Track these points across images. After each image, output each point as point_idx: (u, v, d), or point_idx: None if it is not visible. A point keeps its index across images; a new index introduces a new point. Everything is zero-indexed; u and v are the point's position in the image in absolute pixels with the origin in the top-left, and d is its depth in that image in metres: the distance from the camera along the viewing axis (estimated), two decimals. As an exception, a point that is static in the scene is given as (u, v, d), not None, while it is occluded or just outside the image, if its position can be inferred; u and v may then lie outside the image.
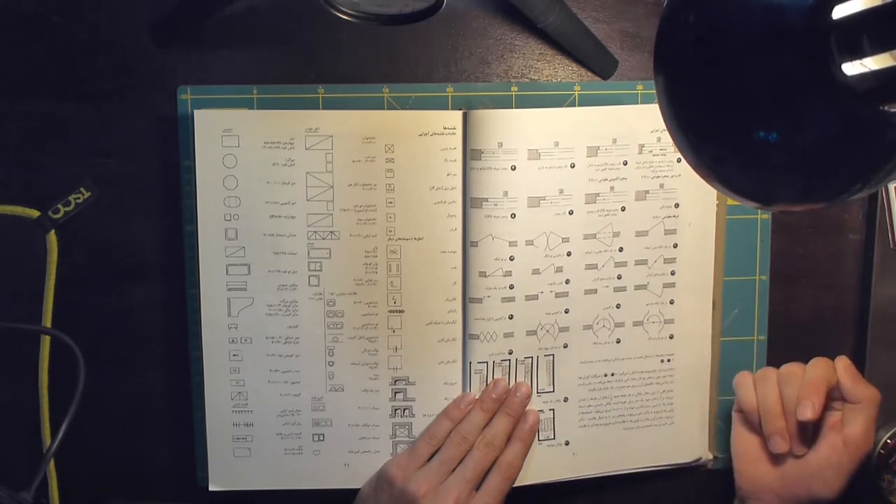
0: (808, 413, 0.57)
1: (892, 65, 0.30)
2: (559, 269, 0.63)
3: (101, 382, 0.63)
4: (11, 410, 0.65)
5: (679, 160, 0.63)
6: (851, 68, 0.30)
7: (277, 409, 0.63)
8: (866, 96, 0.31)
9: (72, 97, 0.63)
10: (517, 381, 0.63)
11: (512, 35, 0.64)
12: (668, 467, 0.66)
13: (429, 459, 0.61)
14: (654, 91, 0.40)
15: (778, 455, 0.60)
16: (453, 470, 0.60)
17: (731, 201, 0.65)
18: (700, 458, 0.66)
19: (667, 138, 0.62)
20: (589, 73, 0.64)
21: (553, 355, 0.64)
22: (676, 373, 0.66)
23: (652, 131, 0.62)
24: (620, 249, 0.63)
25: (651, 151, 0.62)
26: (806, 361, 0.67)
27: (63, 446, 0.56)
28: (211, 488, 0.64)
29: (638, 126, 0.62)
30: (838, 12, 0.30)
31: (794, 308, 0.67)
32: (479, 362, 0.63)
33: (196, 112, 0.61)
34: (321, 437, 0.64)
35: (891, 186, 0.64)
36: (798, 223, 0.66)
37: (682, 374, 0.66)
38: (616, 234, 0.63)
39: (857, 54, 0.30)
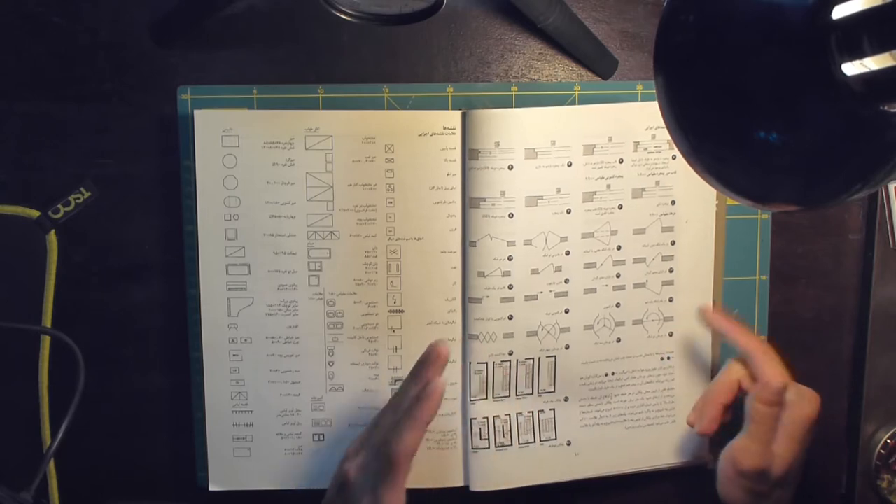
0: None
1: (892, 65, 0.30)
2: (558, 269, 0.63)
3: (101, 382, 0.64)
4: (11, 410, 0.65)
5: (674, 157, 0.63)
6: (851, 68, 0.30)
7: (277, 409, 0.63)
8: (866, 96, 0.31)
9: (72, 97, 0.63)
10: (517, 381, 0.63)
11: (512, 35, 0.64)
12: (670, 467, 0.66)
13: None
14: (654, 91, 0.40)
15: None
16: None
17: (731, 201, 0.65)
18: (702, 458, 0.66)
19: (661, 135, 0.63)
20: (589, 73, 0.64)
21: (555, 356, 0.64)
22: (677, 371, 0.66)
23: (647, 128, 0.62)
24: (619, 248, 0.63)
25: (646, 149, 0.63)
26: (806, 361, 0.68)
27: (63, 446, 0.56)
28: (211, 488, 0.64)
29: (633, 123, 0.62)
30: (838, 12, 0.30)
31: (794, 308, 0.67)
32: (478, 363, 0.63)
33: (196, 112, 0.61)
34: (321, 437, 0.64)
35: (891, 186, 0.64)
36: (798, 223, 0.67)
37: (682, 373, 0.66)
38: (614, 233, 0.63)
39: (857, 54, 0.30)
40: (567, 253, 0.63)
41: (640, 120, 0.62)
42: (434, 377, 0.55)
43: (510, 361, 0.63)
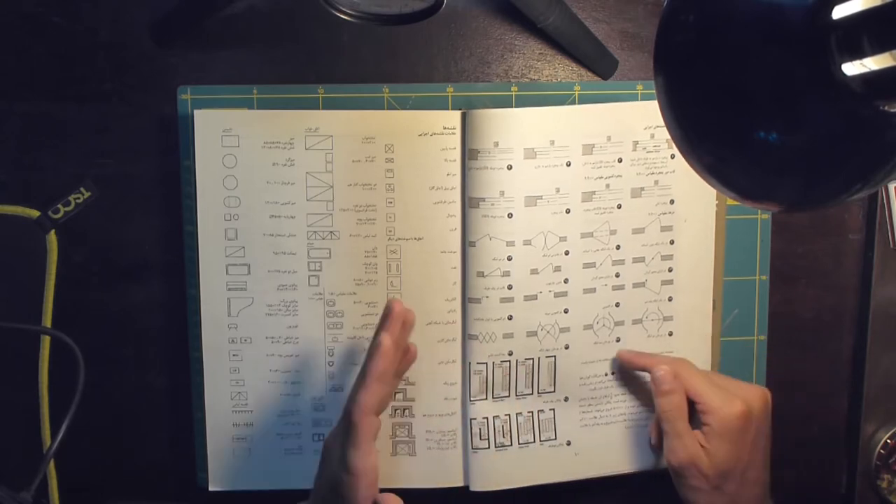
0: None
1: (892, 65, 0.30)
2: (557, 269, 0.63)
3: (101, 382, 0.64)
4: (11, 410, 0.65)
5: (673, 156, 0.63)
6: (851, 68, 0.30)
7: (277, 409, 0.63)
8: (866, 96, 0.31)
9: (72, 97, 0.63)
10: (517, 381, 0.63)
11: (512, 35, 0.64)
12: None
13: None
14: (654, 91, 0.40)
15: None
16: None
17: (731, 201, 0.65)
18: None
19: (660, 134, 0.63)
20: (589, 73, 0.64)
21: (554, 356, 0.64)
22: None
23: (645, 128, 0.62)
24: (618, 247, 0.63)
25: (645, 148, 0.63)
26: (806, 361, 0.68)
27: (63, 446, 0.56)
28: (211, 488, 0.64)
29: (632, 123, 0.62)
30: (838, 12, 0.30)
31: (794, 308, 0.67)
32: (478, 363, 0.63)
33: (196, 112, 0.61)
34: (321, 437, 0.64)
35: (891, 186, 0.64)
36: (798, 223, 0.67)
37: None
38: (613, 232, 0.63)
39: (857, 54, 0.30)
40: (566, 253, 0.63)
41: (639, 119, 0.62)
42: (383, 333, 0.55)
43: (510, 361, 0.63)
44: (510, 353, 0.63)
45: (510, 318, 0.62)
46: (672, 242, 0.64)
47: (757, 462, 0.59)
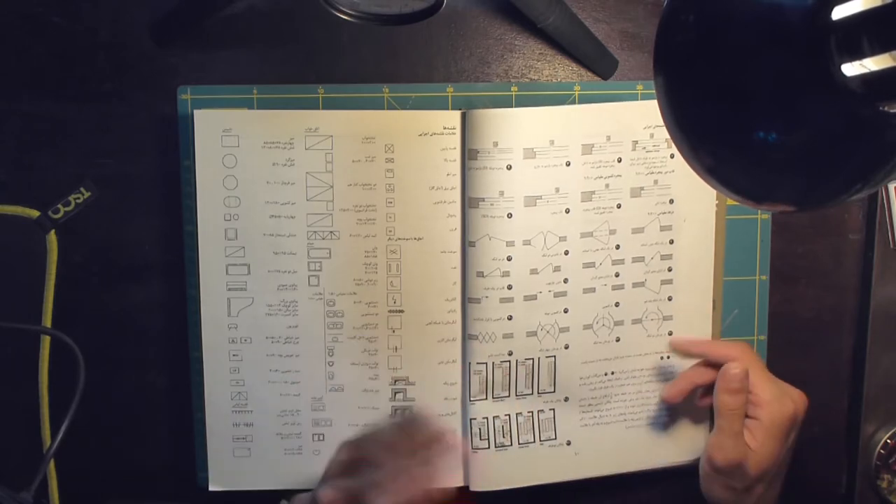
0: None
1: (892, 65, 0.30)
2: (557, 269, 0.63)
3: (101, 382, 0.64)
4: (11, 410, 0.65)
5: (672, 156, 0.63)
6: (851, 68, 0.30)
7: (277, 409, 0.63)
8: (866, 96, 0.31)
9: (72, 97, 0.63)
10: (517, 381, 0.63)
11: (512, 35, 0.64)
12: (670, 466, 0.66)
13: None
14: (654, 91, 0.40)
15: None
16: None
17: (731, 201, 0.65)
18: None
19: (660, 134, 0.63)
20: (589, 73, 0.64)
21: (554, 356, 0.64)
22: (676, 370, 0.66)
23: (645, 127, 0.62)
24: (617, 247, 0.63)
25: (644, 148, 0.63)
26: (806, 361, 0.68)
27: (63, 446, 0.56)
28: (211, 488, 0.64)
29: (631, 122, 0.62)
30: (838, 13, 0.30)
31: (794, 308, 0.67)
32: (478, 363, 0.63)
33: (196, 112, 0.61)
34: (321, 437, 0.64)
35: (891, 186, 0.64)
36: (798, 223, 0.67)
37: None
38: (612, 232, 0.63)
39: (857, 54, 0.30)
40: (566, 252, 0.63)
41: (639, 119, 0.62)
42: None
43: (510, 362, 0.63)
44: (510, 353, 0.63)
45: (510, 318, 0.62)
46: (672, 242, 0.64)
47: (785, 464, 0.59)
